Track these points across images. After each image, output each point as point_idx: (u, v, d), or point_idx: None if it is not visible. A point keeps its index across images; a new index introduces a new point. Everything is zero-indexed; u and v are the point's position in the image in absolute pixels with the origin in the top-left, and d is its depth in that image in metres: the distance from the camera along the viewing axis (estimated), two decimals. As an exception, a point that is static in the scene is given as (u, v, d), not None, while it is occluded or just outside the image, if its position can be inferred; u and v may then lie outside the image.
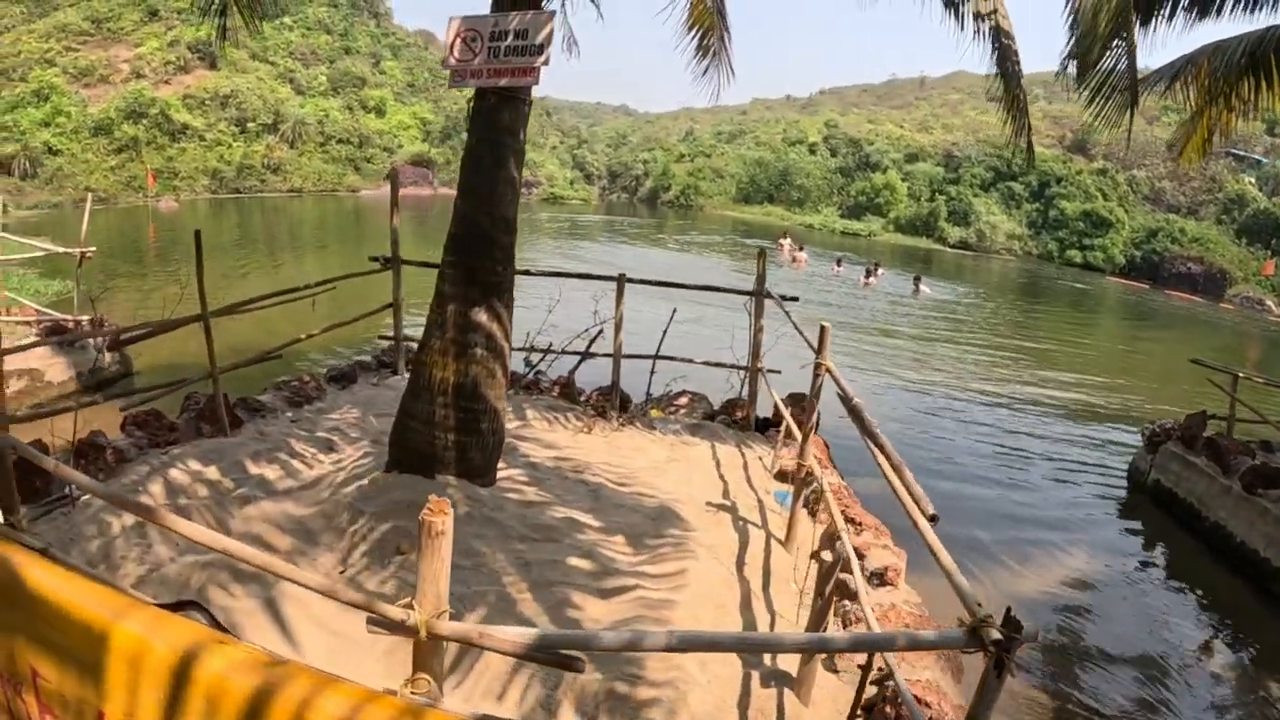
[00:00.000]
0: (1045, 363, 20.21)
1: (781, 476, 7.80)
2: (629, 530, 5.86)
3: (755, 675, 4.40)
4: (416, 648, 2.65)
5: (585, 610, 4.74)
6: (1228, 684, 7.03)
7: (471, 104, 6.00)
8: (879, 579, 5.83)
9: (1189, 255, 47.03)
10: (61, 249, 12.51)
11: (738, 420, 9.31)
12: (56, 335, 11.24)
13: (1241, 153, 54.15)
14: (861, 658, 4.03)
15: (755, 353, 8.96)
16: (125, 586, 4.09)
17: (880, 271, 30.48)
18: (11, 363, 10.56)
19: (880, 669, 3.98)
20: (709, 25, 8.42)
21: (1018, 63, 6.67)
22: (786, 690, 4.30)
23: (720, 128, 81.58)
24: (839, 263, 32.01)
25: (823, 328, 5.91)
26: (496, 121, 5.80)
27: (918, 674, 4.68)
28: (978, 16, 6.37)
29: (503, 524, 5.49)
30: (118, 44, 51.90)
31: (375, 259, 9.56)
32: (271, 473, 6.22)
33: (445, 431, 5.80)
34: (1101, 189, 53.31)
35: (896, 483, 4.35)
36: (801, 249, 35.23)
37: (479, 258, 5.81)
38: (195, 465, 6.23)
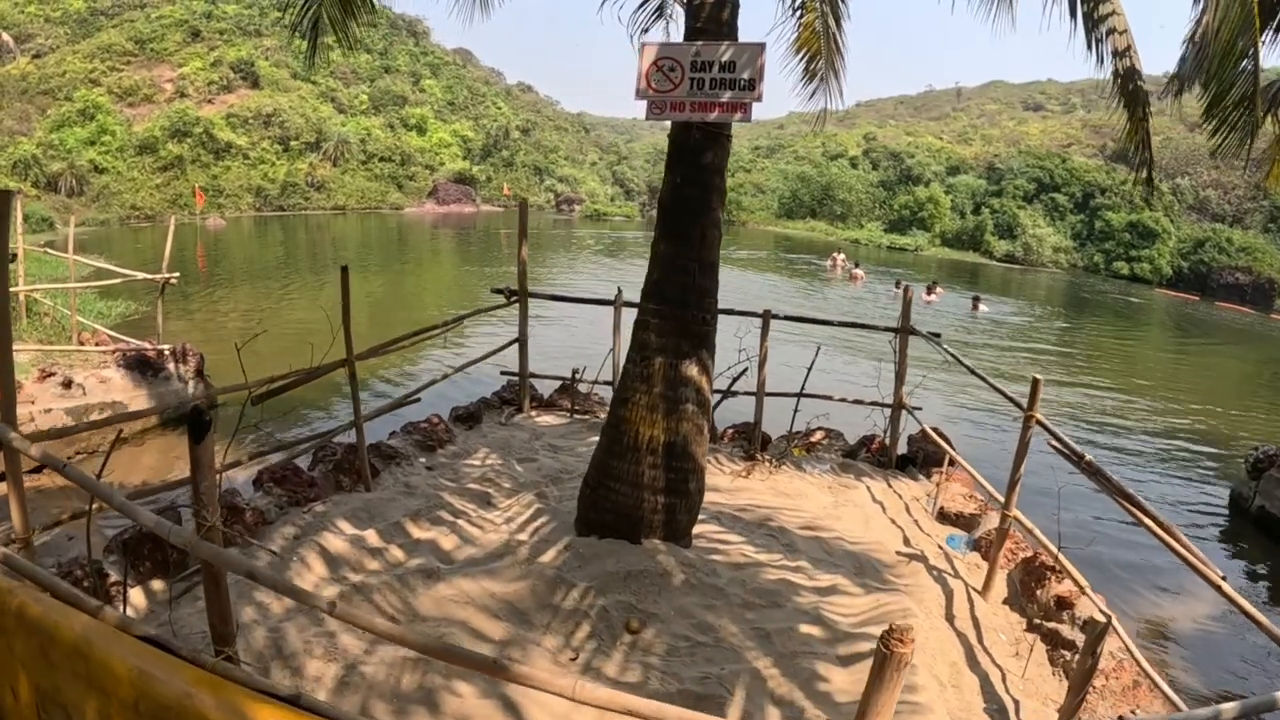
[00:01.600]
0: (1114, 382, 19.57)
1: (943, 518, 7.55)
2: (840, 587, 5.57)
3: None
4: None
5: (833, 682, 4.44)
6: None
7: (671, 139, 5.59)
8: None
9: (1237, 265, 46.09)
10: (143, 275, 12.15)
11: (880, 458, 8.91)
12: (138, 364, 10.95)
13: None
14: None
15: (899, 389, 8.59)
16: (321, 695, 3.68)
17: (939, 289, 29.96)
18: (94, 395, 10.32)
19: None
20: (815, 50, 8.15)
21: (1141, 84, 6.13)
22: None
23: (758, 142, 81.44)
24: (898, 284, 31.47)
25: (1034, 380, 5.69)
26: (702, 161, 5.42)
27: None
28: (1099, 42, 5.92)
29: (725, 591, 5.16)
30: (161, 64, 52.63)
31: (499, 291, 9.20)
32: (441, 538, 5.75)
33: (654, 493, 5.44)
34: (1146, 199, 52.37)
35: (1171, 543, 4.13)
36: (858, 265, 34.72)
37: (689, 307, 5.47)
38: (348, 527, 5.76)
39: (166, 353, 11.43)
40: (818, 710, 4.14)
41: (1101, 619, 5.36)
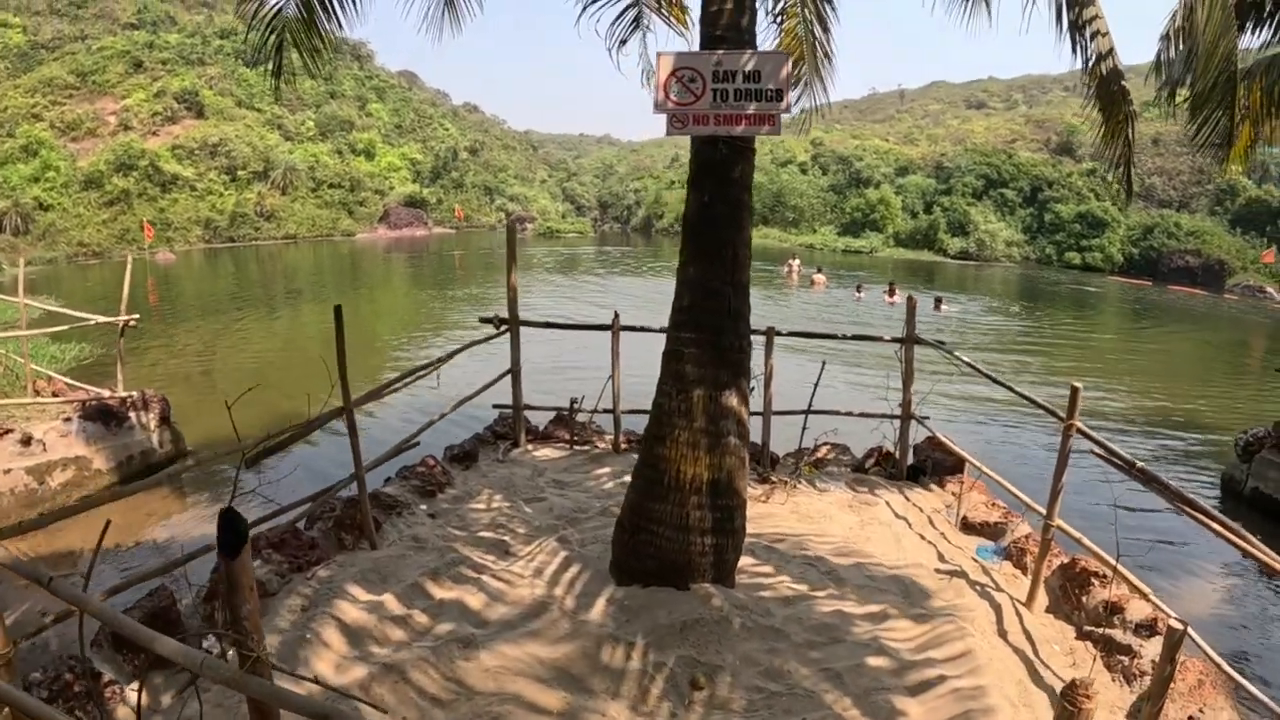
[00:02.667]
0: (1083, 373, 19.63)
1: (967, 528, 7.42)
2: (892, 614, 5.39)
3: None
4: None
5: (910, 715, 4.31)
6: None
7: (695, 155, 5.30)
8: (1148, 630, 5.33)
9: (1186, 249, 47.34)
10: (102, 318, 11.53)
11: (890, 469, 8.75)
12: (100, 415, 10.35)
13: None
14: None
15: (907, 399, 8.41)
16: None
17: (899, 292, 30.05)
18: (56, 451, 9.77)
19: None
20: (798, 56, 8.01)
21: (1123, 86, 6.06)
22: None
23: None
24: (859, 288, 31.48)
25: (1073, 388, 5.54)
26: (730, 176, 5.14)
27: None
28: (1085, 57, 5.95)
29: (783, 631, 4.94)
30: (104, 96, 51.65)
31: (488, 320, 8.80)
32: (468, 596, 5.32)
33: (700, 535, 5.14)
34: (1093, 189, 53.51)
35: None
36: (820, 270, 34.67)
37: (725, 334, 5.20)
38: (361, 593, 5.33)
39: (128, 400, 10.88)
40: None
41: (1165, 624, 5.25)
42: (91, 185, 43.42)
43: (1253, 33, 9.40)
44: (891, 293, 29.35)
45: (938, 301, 28.99)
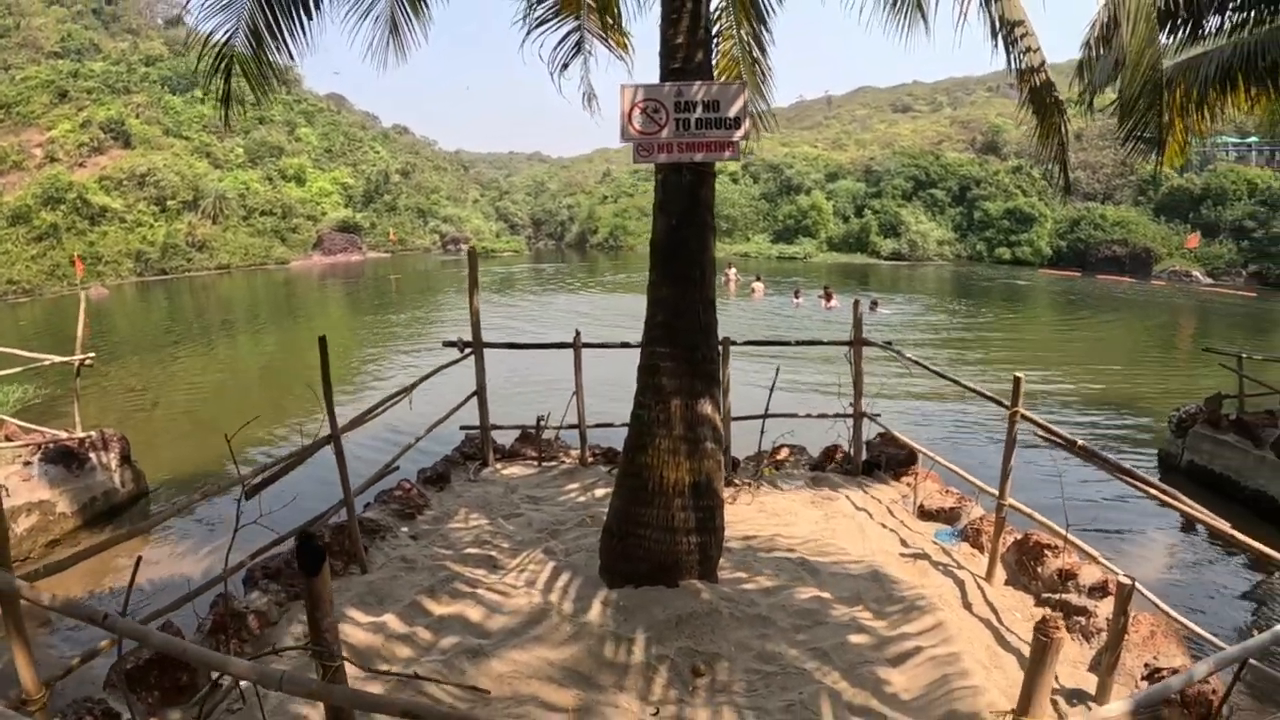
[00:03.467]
0: (1022, 364, 20.02)
1: (924, 515, 7.94)
2: (865, 596, 5.80)
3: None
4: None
5: (894, 684, 4.71)
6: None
7: (660, 181, 5.64)
8: (1100, 592, 5.88)
9: (1113, 239, 49.13)
10: (55, 358, 11.35)
11: (846, 466, 9.21)
12: (60, 457, 10.23)
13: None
14: None
15: (858, 399, 8.87)
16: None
17: (837, 297, 30.49)
18: (20, 495, 9.65)
19: None
20: (735, 75, 8.46)
21: (1056, 96, 6.55)
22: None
23: (638, 166, 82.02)
24: (797, 293, 31.99)
25: (1016, 378, 6.07)
26: (696, 200, 5.51)
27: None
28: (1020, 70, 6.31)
29: (770, 618, 5.32)
30: (29, 128, 50.13)
31: (452, 343, 9.01)
32: (467, 610, 5.55)
33: (686, 535, 5.52)
34: (1020, 186, 55.32)
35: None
36: (759, 278, 35.14)
37: (698, 347, 5.59)
38: (360, 615, 5.50)
39: (87, 441, 10.74)
40: (895, 712, 4.38)
41: (1115, 583, 5.76)
42: (19, 220, 41.98)
43: (1168, 36, 10.19)
44: (829, 298, 29.78)
45: (874, 304, 29.63)
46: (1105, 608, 5.43)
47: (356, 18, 6.79)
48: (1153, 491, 4.99)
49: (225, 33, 5.92)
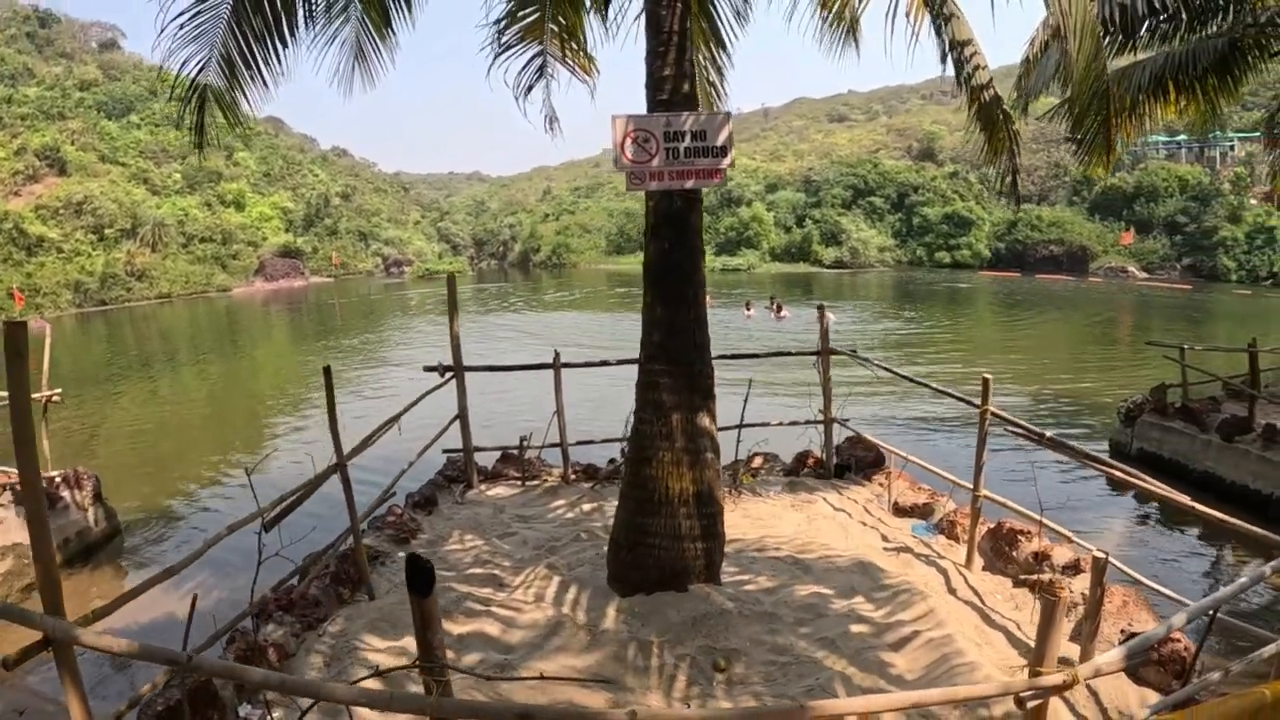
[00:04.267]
0: (970, 364, 20.78)
1: (899, 511, 8.39)
2: (859, 589, 6.16)
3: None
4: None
5: (897, 665, 5.08)
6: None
7: (652, 208, 5.95)
8: (1074, 569, 6.34)
9: (1050, 239, 50.99)
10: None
11: (819, 471, 9.63)
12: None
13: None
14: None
15: (828, 405, 9.29)
16: None
17: (787, 308, 30.77)
18: (-3, 538, 9.53)
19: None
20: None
21: (1005, 111, 6.91)
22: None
23: (576, 183, 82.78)
24: (748, 305, 32.35)
25: (985, 379, 6.55)
26: (687, 225, 5.83)
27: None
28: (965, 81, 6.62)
29: (776, 615, 5.66)
30: (-38, 157, 48.52)
31: (432, 368, 9.17)
32: (486, 627, 5.70)
33: (693, 541, 5.82)
34: (957, 191, 56.90)
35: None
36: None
37: (694, 364, 5.90)
38: (377, 641, 5.54)
39: (59, 480, 10.61)
40: (901, 689, 4.72)
41: (1089, 561, 6.21)
42: (-45, 252, 40.99)
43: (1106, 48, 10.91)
44: (778, 309, 30.19)
45: (820, 310, 29.95)
46: (1079, 583, 5.86)
47: (323, 43, 6.76)
48: (1119, 474, 5.49)
49: (198, 63, 5.95)
